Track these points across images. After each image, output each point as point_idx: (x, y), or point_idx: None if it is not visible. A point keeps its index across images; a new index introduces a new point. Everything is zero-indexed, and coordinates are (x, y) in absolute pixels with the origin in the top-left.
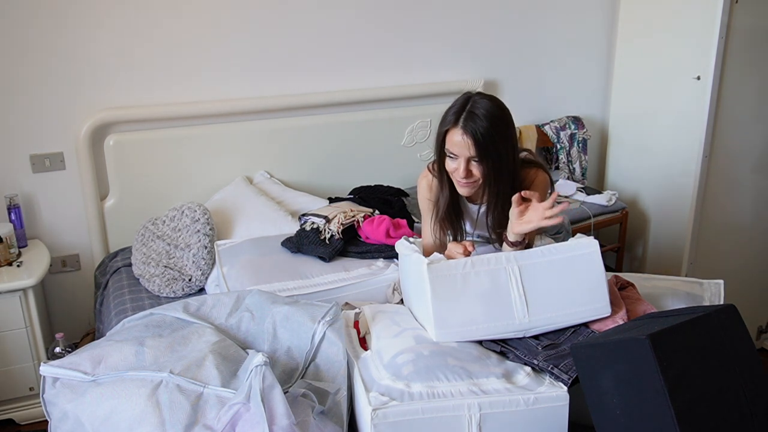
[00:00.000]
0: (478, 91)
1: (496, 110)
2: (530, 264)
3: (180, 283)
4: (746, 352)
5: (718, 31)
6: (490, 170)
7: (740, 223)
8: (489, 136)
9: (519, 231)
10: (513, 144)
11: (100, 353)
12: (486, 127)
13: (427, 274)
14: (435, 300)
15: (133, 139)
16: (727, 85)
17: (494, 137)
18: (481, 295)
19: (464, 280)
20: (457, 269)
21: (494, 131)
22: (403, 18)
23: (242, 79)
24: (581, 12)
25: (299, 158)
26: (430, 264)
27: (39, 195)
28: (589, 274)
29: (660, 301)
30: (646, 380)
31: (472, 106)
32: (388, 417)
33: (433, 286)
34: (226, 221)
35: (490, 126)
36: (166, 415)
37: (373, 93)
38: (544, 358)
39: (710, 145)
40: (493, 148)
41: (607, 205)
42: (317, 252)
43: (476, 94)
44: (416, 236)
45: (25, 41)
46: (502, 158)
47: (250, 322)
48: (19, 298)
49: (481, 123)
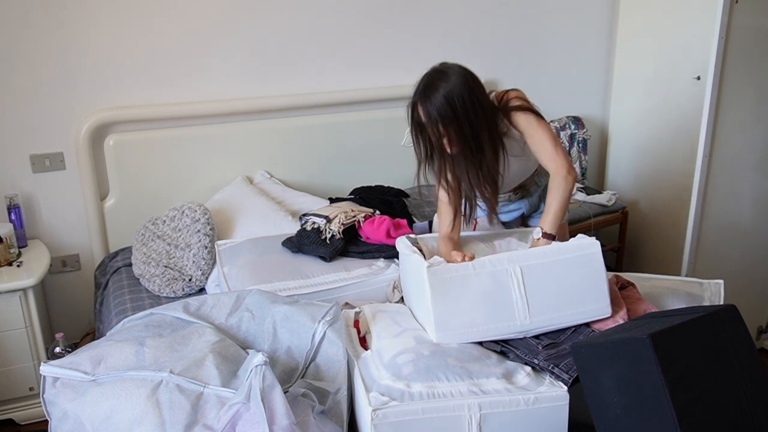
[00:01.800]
0: (432, 68)
1: (455, 88)
2: (532, 265)
3: (180, 283)
4: (747, 352)
5: (718, 31)
6: (459, 132)
7: (740, 223)
8: (443, 111)
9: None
10: (477, 112)
11: (100, 353)
12: (440, 104)
13: (427, 278)
14: (435, 303)
15: (133, 139)
16: (727, 85)
17: (450, 112)
18: (483, 297)
19: (465, 282)
20: (458, 272)
21: (449, 108)
22: (403, 18)
23: (242, 79)
24: (581, 12)
25: (299, 158)
26: (430, 267)
27: (39, 195)
28: (591, 275)
29: (660, 300)
30: (646, 380)
31: (431, 79)
32: (388, 417)
33: (433, 290)
34: (227, 221)
35: (444, 103)
36: (166, 414)
37: (373, 93)
38: (545, 358)
39: (710, 145)
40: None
41: (607, 205)
42: (318, 252)
43: (427, 75)
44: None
45: (25, 41)
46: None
47: (250, 321)
48: (19, 298)
49: (435, 101)
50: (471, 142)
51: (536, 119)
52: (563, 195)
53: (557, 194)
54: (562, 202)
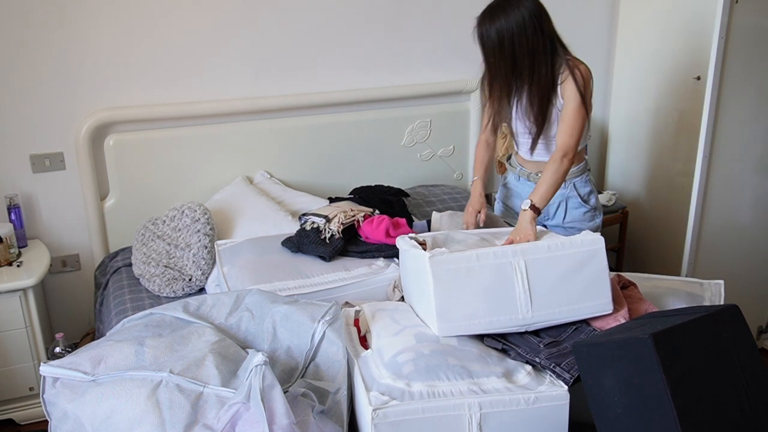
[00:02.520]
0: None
1: (515, 19)
2: (536, 259)
3: (180, 282)
4: (748, 352)
5: (718, 31)
6: (499, 66)
7: (740, 223)
8: (494, 45)
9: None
10: (530, 48)
11: (100, 353)
12: (492, 37)
13: (430, 268)
14: (437, 293)
15: (133, 139)
16: (727, 85)
17: (499, 48)
18: (485, 289)
19: (468, 273)
20: (461, 263)
21: (499, 43)
22: (403, 18)
23: (242, 79)
24: (581, 12)
25: (299, 158)
26: (433, 257)
27: (39, 195)
28: (594, 271)
29: (661, 300)
30: (648, 379)
31: (497, 4)
32: (388, 416)
33: (435, 279)
34: (226, 221)
35: (496, 37)
36: (165, 414)
37: (373, 93)
38: (546, 356)
39: (710, 145)
40: (499, 53)
41: (607, 205)
42: (317, 251)
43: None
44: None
45: (25, 41)
46: (508, 60)
47: (249, 321)
48: (19, 298)
49: (489, 31)
50: (510, 76)
51: (580, 101)
52: (556, 174)
53: (551, 171)
54: (555, 180)
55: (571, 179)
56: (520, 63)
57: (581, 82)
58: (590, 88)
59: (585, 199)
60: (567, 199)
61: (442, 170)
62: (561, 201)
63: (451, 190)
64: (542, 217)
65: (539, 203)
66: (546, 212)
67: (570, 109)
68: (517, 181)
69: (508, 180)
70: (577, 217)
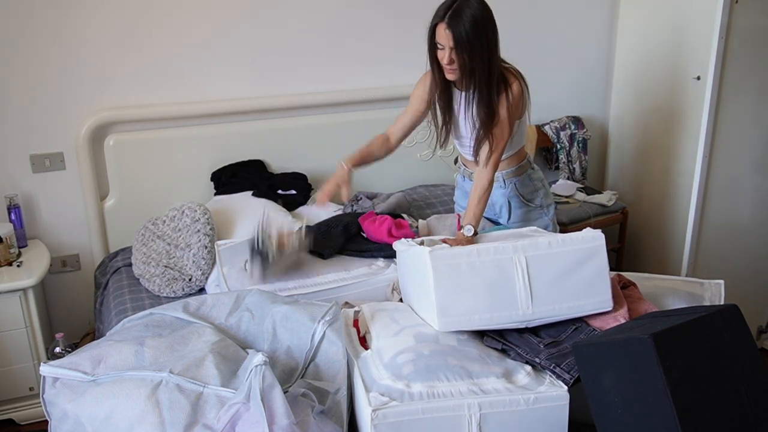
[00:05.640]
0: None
1: (480, 12)
2: (537, 255)
3: (180, 283)
4: (748, 352)
5: (718, 31)
6: (467, 62)
7: (740, 223)
8: (468, 35)
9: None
10: (491, 44)
11: (100, 353)
12: (467, 28)
13: (430, 262)
14: (438, 288)
15: (133, 139)
16: (727, 85)
17: (471, 37)
18: (486, 285)
19: (469, 268)
20: (462, 258)
21: (473, 33)
22: (403, 18)
23: (242, 79)
24: (581, 12)
25: (299, 158)
26: (432, 252)
27: (39, 195)
28: (594, 268)
29: (661, 300)
30: (648, 380)
31: (459, 5)
32: (388, 417)
33: (435, 274)
34: (226, 221)
35: (470, 27)
36: (165, 414)
37: (372, 93)
38: (546, 357)
39: (710, 145)
40: (469, 46)
41: (607, 205)
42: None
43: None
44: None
45: (25, 41)
46: (476, 54)
47: (249, 321)
48: (19, 298)
49: (463, 23)
50: (485, 65)
51: (506, 120)
52: (481, 190)
53: (476, 185)
54: (480, 195)
55: (511, 179)
56: (492, 48)
57: (512, 102)
58: (524, 100)
59: (528, 198)
60: (509, 200)
61: (442, 170)
62: (503, 202)
63: (452, 191)
64: (493, 216)
65: (476, 223)
66: (493, 211)
67: (499, 121)
68: (463, 181)
69: (456, 180)
70: (522, 216)
